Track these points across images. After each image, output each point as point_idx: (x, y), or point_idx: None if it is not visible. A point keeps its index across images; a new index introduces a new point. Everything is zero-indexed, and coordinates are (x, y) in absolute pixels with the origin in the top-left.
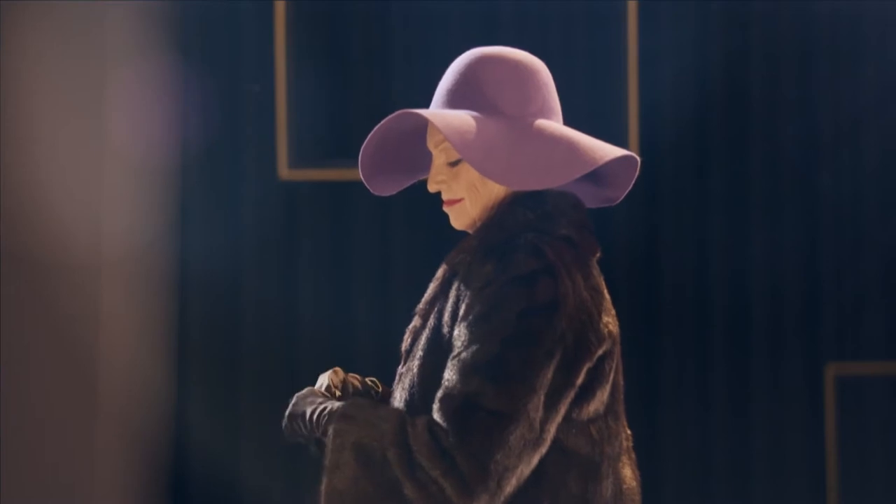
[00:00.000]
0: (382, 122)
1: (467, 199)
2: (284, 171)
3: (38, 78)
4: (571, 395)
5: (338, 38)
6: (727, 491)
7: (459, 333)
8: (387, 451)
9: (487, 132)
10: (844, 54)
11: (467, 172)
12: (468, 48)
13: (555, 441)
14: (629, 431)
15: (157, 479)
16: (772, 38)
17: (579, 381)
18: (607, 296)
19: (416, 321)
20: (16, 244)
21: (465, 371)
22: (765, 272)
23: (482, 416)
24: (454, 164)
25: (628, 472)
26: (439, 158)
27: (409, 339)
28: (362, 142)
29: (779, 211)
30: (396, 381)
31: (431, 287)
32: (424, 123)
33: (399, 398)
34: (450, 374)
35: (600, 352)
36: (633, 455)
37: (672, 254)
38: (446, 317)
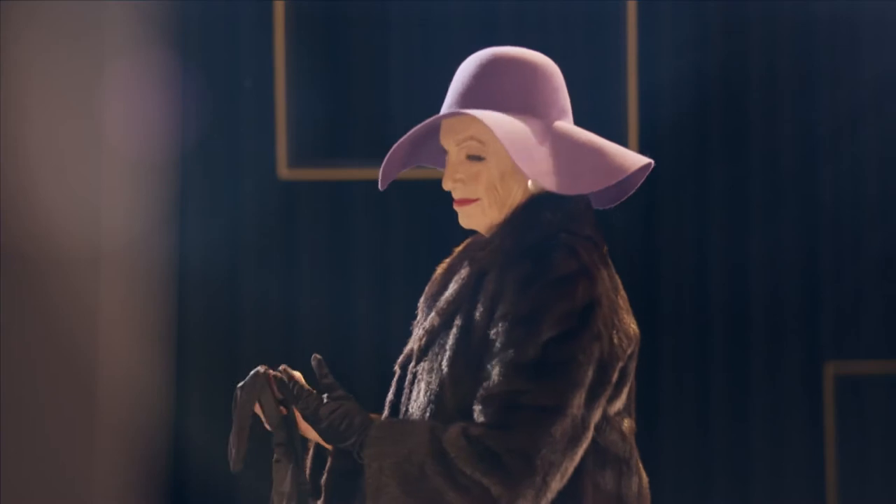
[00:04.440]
0: (428, 121)
1: (485, 200)
2: (284, 171)
3: (36, 75)
4: (609, 392)
5: (337, 38)
6: (726, 489)
7: (500, 334)
8: (424, 464)
9: (529, 135)
10: (844, 55)
11: (489, 172)
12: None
13: (591, 438)
14: None
15: (155, 479)
16: (771, 38)
17: (614, 378)
18: (625, 295)
19: (433, 320)
20: (13, 241)
21: (509, 371)
22: (764, 271)
23: (527, 413)
24: (474, 162)
25: (642, 469)
26: (458, 156)
27: (424, 338)
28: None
29: (778, 210)
30: (409, 379)
31: (455, 287)
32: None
33: (421, 397)
34: (491, 375)
35: (629, 351)
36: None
37: (671, 253)
38: (479, 316)
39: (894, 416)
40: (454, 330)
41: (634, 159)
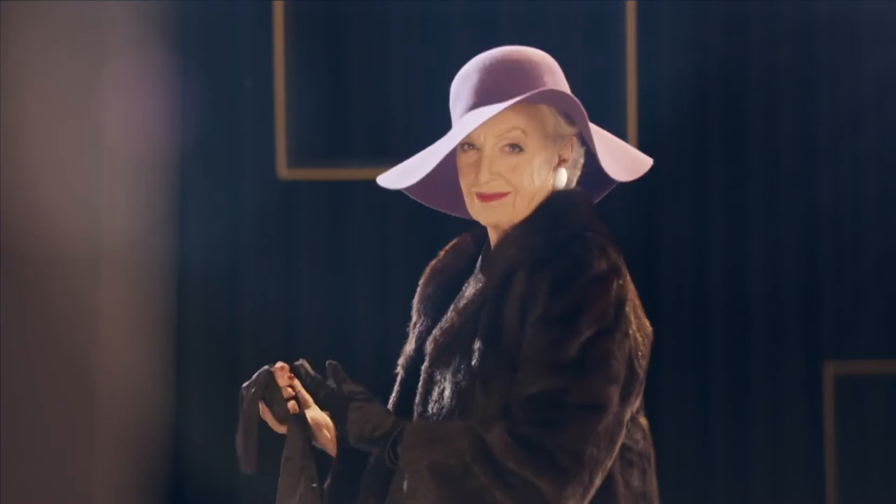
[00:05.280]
0: (517, 98)
1: (521, 192)
2: (283, 171)
3: (35, 75)
4: (637, 389)
5: (337, 38)
6: (725, 489)
7: (536, 334)
8: (468, 464)
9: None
10: (844, 55)
11: (529, 164)
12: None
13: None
14: None
15: (155, 479)
16: (771, 38)
17: (642, 376)
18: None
19: (452, 320)
20: (13, 241)
21: (551, 370)
22: (764, 271)
23: (572, 411)
24: (513, 154)
25: None
26: (494, 148)
27: (441, 338)
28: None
29: (778, 210)
30: (424, 379)
31: (478, 286)
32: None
33: (445, 398)
34: (531, 375)
35: (648, 349)
36: None
37: (671, 253)
38: (508, 316)
39: (894, 416)
40: (481, 330)
41: (645, 156)
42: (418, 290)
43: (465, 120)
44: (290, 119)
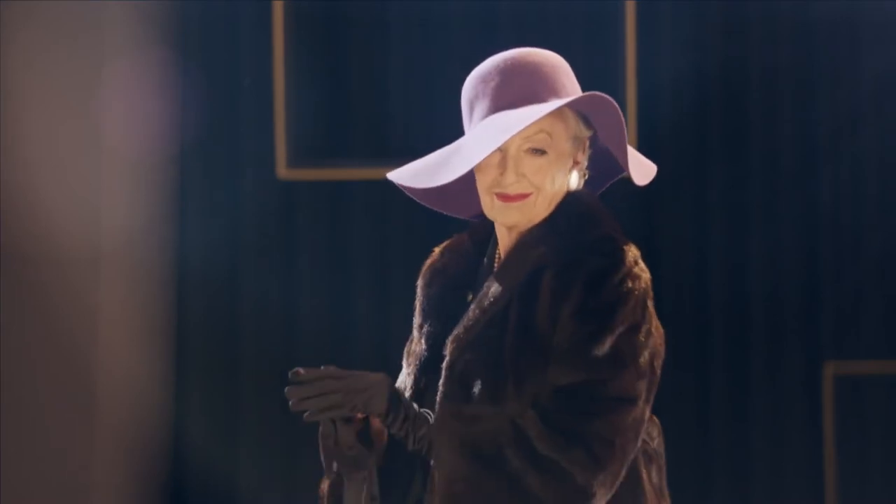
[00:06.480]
0: (583, 97)
1: (543, 193)
2: (283, 171)
3: (35, 75)
4: (656, 386)
5: (337, 38)
6: (725, 489)
7: (572, 327)
8: (502, 448)
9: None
10: (844, 55)
11: (550, 165)
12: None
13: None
14: None
15: (155, 479)
16: (771, 38)
17: (659, 373)
18: None
19: (476, 316)
20: (13, 241)
21: (585, 363)
22: (764, 271)
23: (607, 403)
24: (537, 156)
25: None
26: (518, 150)
27: (464, 335)
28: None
29: (778, 210)
30: (446, 376)
31: (503, 284)
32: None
33: (475, 391)
34: (566, 367)
35: (664, 348)
36: None
37: (671, 253)
38: (540, 314)
39: (894, 416)
40: (512, 328)
41: (648, 160)
42: (420, 290)
43: (496, 124)
44: (290, 119)
